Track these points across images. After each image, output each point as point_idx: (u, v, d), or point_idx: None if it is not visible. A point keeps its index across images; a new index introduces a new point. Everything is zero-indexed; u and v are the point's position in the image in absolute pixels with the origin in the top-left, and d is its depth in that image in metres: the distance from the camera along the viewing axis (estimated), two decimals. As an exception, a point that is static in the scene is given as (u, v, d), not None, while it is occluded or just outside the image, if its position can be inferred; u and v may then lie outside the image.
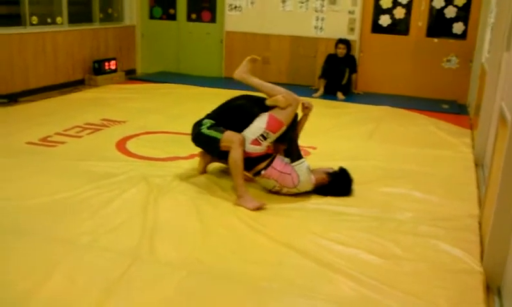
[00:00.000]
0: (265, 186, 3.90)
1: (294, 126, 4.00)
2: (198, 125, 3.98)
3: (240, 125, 3.83)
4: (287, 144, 3.95)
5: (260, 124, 3.80)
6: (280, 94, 3.86)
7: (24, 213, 3.34)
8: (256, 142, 3.76)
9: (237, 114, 3.97)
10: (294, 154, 3.89)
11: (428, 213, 3.66)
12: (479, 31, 7.71)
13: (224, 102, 4.14)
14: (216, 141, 3.80)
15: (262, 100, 3.96)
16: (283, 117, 3.82)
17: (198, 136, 3.95)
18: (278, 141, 3.90)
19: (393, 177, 4.36)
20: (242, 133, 3.79)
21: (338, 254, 2.99)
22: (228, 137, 3.76)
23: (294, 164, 3.83)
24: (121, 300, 2.46)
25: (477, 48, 7.77)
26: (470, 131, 6.13)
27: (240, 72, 4.06)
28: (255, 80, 4.04)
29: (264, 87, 4.01)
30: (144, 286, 2.57)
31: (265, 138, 3.77)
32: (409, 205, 3.78)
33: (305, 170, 3.83)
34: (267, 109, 3.88)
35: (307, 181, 3.81)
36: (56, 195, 3.62)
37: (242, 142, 3.73)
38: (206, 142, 3.92)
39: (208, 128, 3.88)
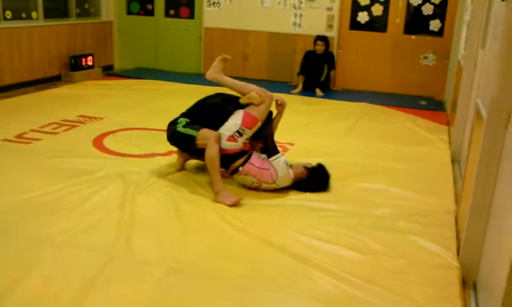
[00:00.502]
0: (244, 183, 3.89)
1: (269, 123, 4.01)
2: (173, 124, 3.97)
3: (215, 123, 3.84)
4: (263, 141, 3.95)
5: (235, 121, 3.80)
6: (254, 91, 3.86)
7: (0, 211, 3.29)
8: (232, 138, 3.76)
9: (211, 113, 3.96)
10: (270, 150, 3.90)
11: (406, 209, 3.69)
12: (456, 28, 7.80)
13: (198, 100, 4.13)
14: (192, 138, 3.79)
15: (237, 98, 3.97)
16: (258, 113, 3.83)
17: (173, 135, 3.93)
18: (253, 138, 3.91)
19: (371, 173, 4.39)
20: (218, 130, 3.79)
21: (317, 250, 2.99)
22: (204, 134, 3.76)
23: (270, 159, 3.84)
24: (98, 298, 2.43)
25: (454, 45, 7.86)
26: (446, 127, 6.20)
27: (212, 72, 4.05)
28: (228, 80, 4.04)
29: (236, 86, 4.01)
30: (121, 285, 2.54)
31: (241, 134, 3.76)
32: (387, 201, 3.81)
33: (283, 165, 3.83)
34: (241, 107, 3.89)
35: (286, 176, 3.82)
36: (32, 192, 3.56)
37: (218, 139, 3.73)
38: (182, 140, 3.91)
39: (184, 126, 3.88)
